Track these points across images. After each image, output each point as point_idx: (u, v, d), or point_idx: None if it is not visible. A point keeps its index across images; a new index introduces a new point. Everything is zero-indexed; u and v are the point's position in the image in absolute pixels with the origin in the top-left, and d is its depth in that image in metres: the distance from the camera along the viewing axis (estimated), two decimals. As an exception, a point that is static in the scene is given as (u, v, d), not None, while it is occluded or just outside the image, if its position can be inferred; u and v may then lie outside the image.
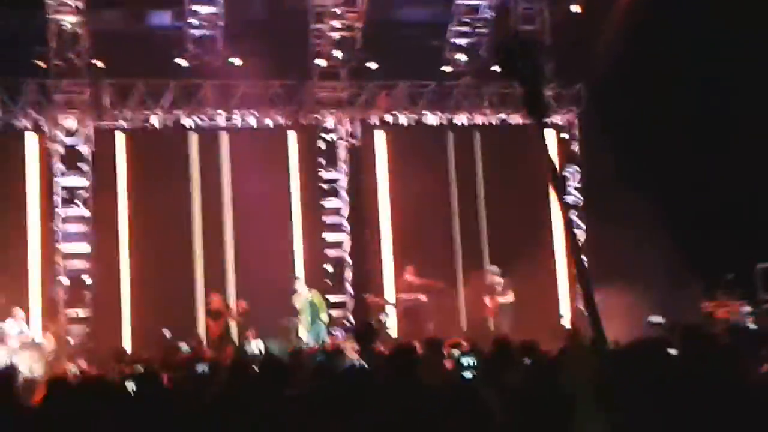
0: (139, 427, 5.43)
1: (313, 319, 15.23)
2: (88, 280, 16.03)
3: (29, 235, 15.81)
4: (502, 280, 16.24)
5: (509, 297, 16.04)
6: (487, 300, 16.14)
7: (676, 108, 15.34)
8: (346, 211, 17.66)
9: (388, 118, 18.08)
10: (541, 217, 17.77)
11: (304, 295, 15.55)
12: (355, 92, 17.76)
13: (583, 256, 3.07)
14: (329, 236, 17.41)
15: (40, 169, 16.15)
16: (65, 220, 16.28)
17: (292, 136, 17.41)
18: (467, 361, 6.84)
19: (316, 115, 17.68)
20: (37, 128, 16.41)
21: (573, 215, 18.24)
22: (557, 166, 3.08)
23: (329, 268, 17.27)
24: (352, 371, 6.43)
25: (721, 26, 14.45)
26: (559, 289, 18.03)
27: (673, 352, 5.80)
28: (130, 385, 7.08)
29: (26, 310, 14.95)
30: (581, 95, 18.23)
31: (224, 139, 17.01)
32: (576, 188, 18.46)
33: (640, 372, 5.22)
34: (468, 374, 6.70)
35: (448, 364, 8.04)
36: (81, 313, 15.86)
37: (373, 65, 17.55)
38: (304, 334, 15.33)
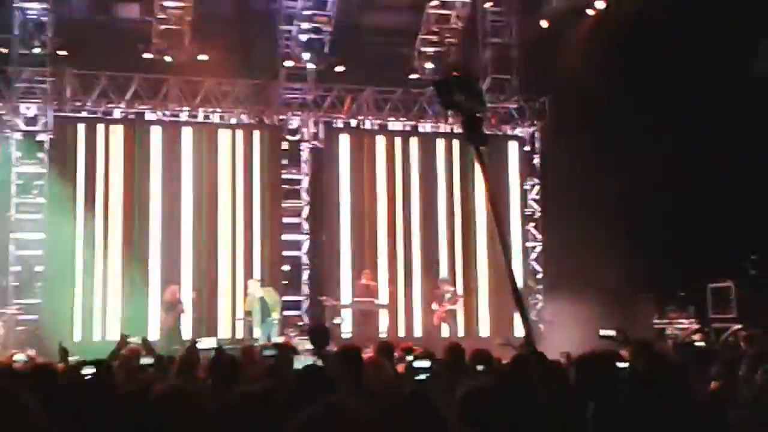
0: (83, 418, 5.36)
1: (263, 317, 15.17)
2: (41, 269, 15.86)
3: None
4: (452, 289, 16.47)
5: (457, 306, 16.34)
6: (435, 307, 16.31)
7: (637, 123, 15.55)
8: (305, 213, 17.66)
9: (353, 122, 18.11)
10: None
11: (253, 294, 15.47)
12: (321, 95, 17.78)
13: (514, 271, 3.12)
14: (288, 237, 17.38)
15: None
16: (20, 208, 16.08)
17: (256, 136, 17.35)
18: (421, 364, 6.83)
19: (281, 116, 17.66)
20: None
21: (530, 227, 18.44)
22: (492, 191, 3.14)
23: (286, 268, 17.25)
24: (307, 369, 6.41)
25: (688, 41, 14.67)
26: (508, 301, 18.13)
27: (622, 365, 5.89)
28: (87, 371, 6.98)
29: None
30: (545, 109, 18.41)
31: (187, 134, 16.91)
32: (534, 200, 18.64)
33: (590, 384, 5.28)
34: (422, 377, 6.68)
35: (400, 368, 8.06)
36: (32, 301, 15.69)
37: (340, 69, 17.58)
38: (256, 332, 15.28)
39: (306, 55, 17.33)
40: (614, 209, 15.61)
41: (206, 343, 9.12)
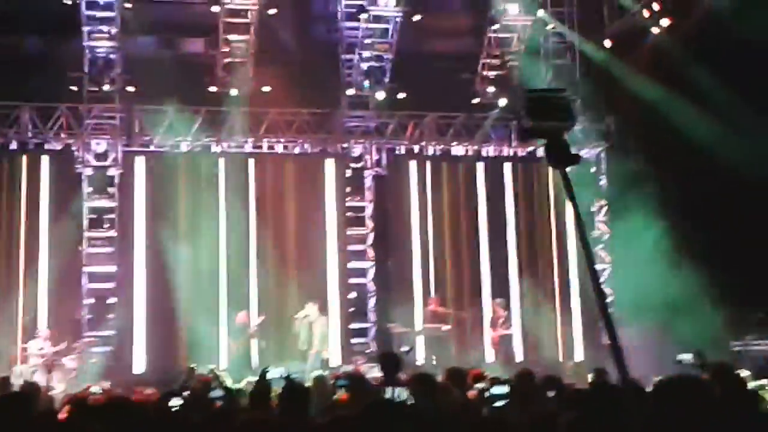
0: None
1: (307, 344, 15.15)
2: (112, 301, 16.13)
3: (59, 256, 15.89)
4: (506, 313, 16.24)
5: (511, 330, 16.12)
6: (490, 331, 16.12)
7: (705, 143, 15.25)
8: (370, 240, 17.67)
9: (416, 148, 18.11)
10: (565, 253, 17.82)
11: (309, 318, 15.49)
12: (383, 122, 17.83)
13: (606, 293, 2.97)
14: (353, 264, 17.40)
15: (69, 192, 16.31)
16: (91, 241, 16.42)
17: (323, 165, 17.43)
18: (498, 391, 6.70)
19: (344, 144, 17.74)
20: (67, 152, 16.62)
21: (599, 249, 18.11)
22: (578, 211, 2.97)
23: (353, 295, 17.25)
24: (381, 401, 6.36)
25: (754, 55, 14.37)
26: (573, 325, 17.83)
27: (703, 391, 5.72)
28: (175, 402, 7.04)
29: (52, 330, 15.07)
30: (610, 130, 18.16)
31: (252, 165, 17.10)
32: (602, 222, 18.34)
33: (673, 412, 5.14)
34: (499, 403, 6.57)
35: (471, 394, 7.96)
36: (105, 333, 15.95)
37: (402, 96, 17.63)
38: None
39: (367, 83, 17.41)
40: (684, 229, 15.28)
41: (275, 372, 9.08)
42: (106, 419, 5.59)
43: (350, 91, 17.53)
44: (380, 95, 17.34)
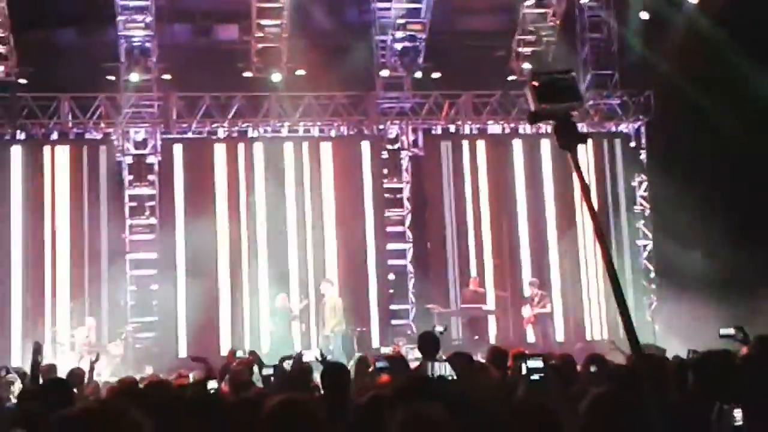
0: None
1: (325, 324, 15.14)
2: (155, 287, 16.33)
3: (102, 243, 16.14)
4: (540, 292, 16.12)
5: (547, 308, 16.00)
6: (524, 310, 16.02)
7: (746, 114, 14.99)
8: (408, 221, 17.65)
9: (452, 127, 18.02)
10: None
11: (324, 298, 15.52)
12: (418, 102, 17.76)
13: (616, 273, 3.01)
14: (392, 246, 17.40)
15: (109, 180, 16.53)
16: (133, 229, 16.63)
17: (359, 147, 17.42)
18: (534, 364, 6.64)
19: (380, 126, 17.72)
20: (107, 140, 16.82)
21: (640, 225, 17.88)
22: (589, 190, 3.04)
23: (392, 277, 17.27)
24: (420, 377, 6.35)
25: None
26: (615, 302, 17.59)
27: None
28: (212, 385, 7.15)
29: (97, 317, 15.32)
30: (650, 103, 17.89)
31: (288, 149, 17.15)
32: (643, 197, 18.10)
33: (711, 385, 5.09)
34: (536, 377, 6.51)
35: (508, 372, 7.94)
36: (148, 319, 16.18)
37: (436, 75, 17.53)
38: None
39: (402, 63, 17.33)
40: (727, 202, 15.05)
41: (310, 354, 9.11)
42: (146, 403, 5.66)
43: (384, 72, 17.47)
44: (416, 75, 17.28)
